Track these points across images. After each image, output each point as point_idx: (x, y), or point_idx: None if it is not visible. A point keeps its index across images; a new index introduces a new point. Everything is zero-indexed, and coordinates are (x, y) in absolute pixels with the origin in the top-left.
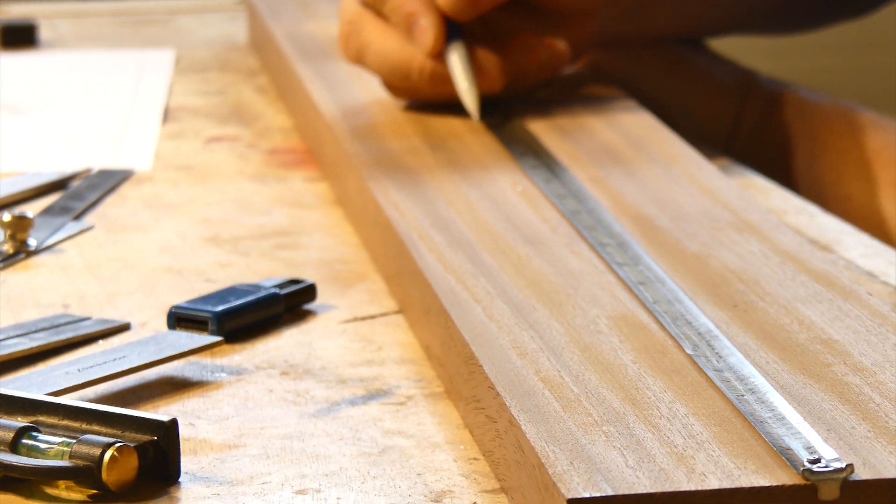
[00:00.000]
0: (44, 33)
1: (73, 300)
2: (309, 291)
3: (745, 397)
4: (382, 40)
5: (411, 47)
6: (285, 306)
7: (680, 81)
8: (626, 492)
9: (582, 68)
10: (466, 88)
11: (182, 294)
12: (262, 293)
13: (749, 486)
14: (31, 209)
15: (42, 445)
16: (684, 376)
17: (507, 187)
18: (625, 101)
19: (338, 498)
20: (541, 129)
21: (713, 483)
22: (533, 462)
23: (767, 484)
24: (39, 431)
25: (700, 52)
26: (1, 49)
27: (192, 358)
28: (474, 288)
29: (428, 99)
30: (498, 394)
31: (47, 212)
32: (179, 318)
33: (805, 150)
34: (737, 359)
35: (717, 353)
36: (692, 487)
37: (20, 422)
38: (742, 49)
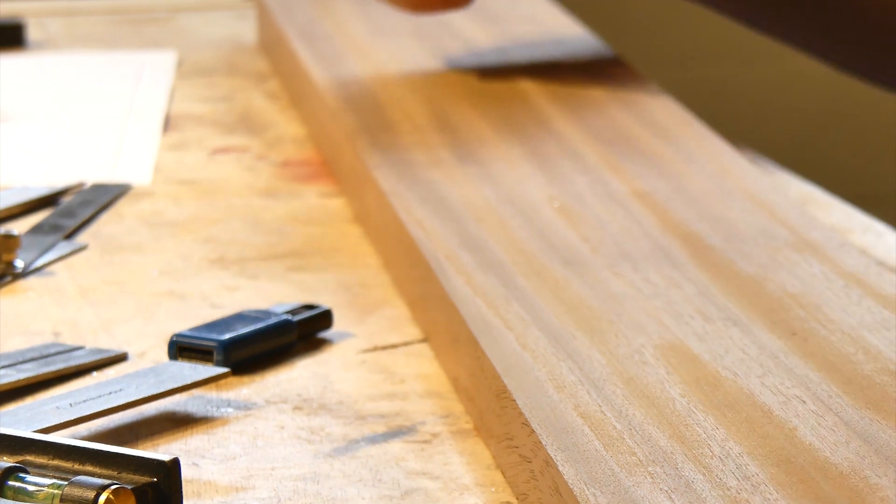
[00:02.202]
0: (32, 33)
1: (65, 327)
2: (324, 318)
3: None
4: None
5: None
6: (298, 334)
7: None
8: None
9: (621, 69)
10: None
11: (184, 321)
12: (272, 320)
13: None
14: (17, 227)
15: (30, 487)
16: (738, 412)
17: (543, 202)
18: (673, 108)
19: None
20: (579, 138)
21: None
22: None
23: None
24: (27, 472)
25: None
26: None
27: (195, 391)
28: (507, 314)
29: None
30: (533, 431)
31: (36, 230)
32: (182, 348)
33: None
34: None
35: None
36: None
37: (6, 461)
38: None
